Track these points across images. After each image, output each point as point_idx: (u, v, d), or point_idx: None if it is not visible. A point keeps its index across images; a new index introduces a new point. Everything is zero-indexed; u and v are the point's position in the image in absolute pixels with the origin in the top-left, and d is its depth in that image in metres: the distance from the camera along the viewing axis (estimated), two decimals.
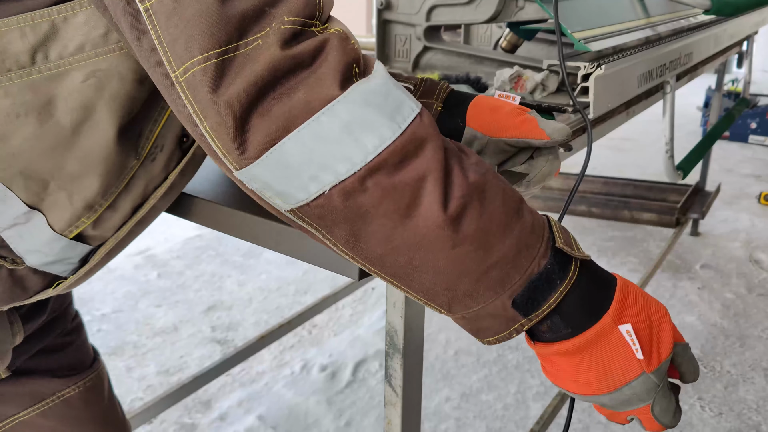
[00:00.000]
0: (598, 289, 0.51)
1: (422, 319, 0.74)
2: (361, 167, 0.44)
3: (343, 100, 0.44)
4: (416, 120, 0.46)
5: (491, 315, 0.50)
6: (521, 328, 0.50)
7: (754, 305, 2.45)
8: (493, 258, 0.47)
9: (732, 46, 1.99)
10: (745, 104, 2.88)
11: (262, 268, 2.80)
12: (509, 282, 0.48)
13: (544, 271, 0.49)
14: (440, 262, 0.47)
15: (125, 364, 2.11)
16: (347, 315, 2.43)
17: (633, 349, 0.49)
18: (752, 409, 1.89)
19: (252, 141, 0.44)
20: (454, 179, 0.46)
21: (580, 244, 0.52)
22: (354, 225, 0.46)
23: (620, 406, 0.52)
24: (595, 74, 0.95)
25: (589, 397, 0.52)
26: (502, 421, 1.85)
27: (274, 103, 0.43)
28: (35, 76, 0.53)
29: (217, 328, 2.34)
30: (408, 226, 0.45)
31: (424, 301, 0.51)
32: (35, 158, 0.56)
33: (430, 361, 2.12)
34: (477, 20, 1.15)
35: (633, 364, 0.50)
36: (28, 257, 0.61)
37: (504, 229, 0.47)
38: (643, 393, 0.50)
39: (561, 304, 0.49)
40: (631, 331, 0.49)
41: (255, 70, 0.43)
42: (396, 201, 0.45)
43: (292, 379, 2.04)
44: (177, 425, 1.83)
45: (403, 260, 0.47)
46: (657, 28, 1.37)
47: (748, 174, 4.02)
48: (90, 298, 2.52)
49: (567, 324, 0.50)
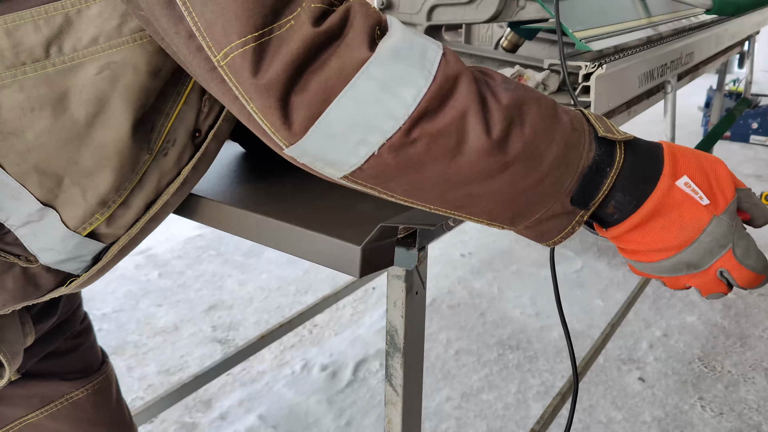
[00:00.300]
0: (647, 159, 0.53)
1: (423, 319, 0.74)
2: (405, 120, 0.45)
3: (374, 61, 0.45)
4: (443, 61, 0.47)
5: (553, 216, 0.52)
6: (582, 219, 0.53)
7: (754, 305, 2.44)
8: (545, 167, 0.49)
9: (733, 46, 1.99)
10: (747, 104, 2.88)
11: (263, 268, 2.80)
12: (563, 183, 0.50)
13: (593, 163, 0.51)
14: (497, 185, 0.49)
15: (126, 364, 2.11)
16: (348, 314, 2.43)
17: (696, 197, 0.52)
18: (753, 409, 1.89)
19: (296, 118, 0.45)
20: (491, 105, 0.47)
21: (617, 127, 0.54)
22: (409, 176, 0.48)
23: (705, 259, 0.53)
24: (597, 74, 0.95)
25: (675, 259, 0.53)
26: (503, 421, 1.85)
27: (310, 78, 0.44)
28: (49, 70, 0.53)
29: (218, 327, 2.34)
30: (460, 163, 0.47)
31: (487, 222, 0.53)
32: (50, 153, 0.56)
33: (431, 361, 2.12)
34: (478, 20, 1.15)
35: (702, 212, 0.52)
36: (41, 255, 0.61)
37: (547, 137, 0.49)
38: (720, 236, 0.52)
39: (615, 184, 0.52)
40: (689, 182, 0.52)
41: (291, 50, 0.44)
42: (444, 143, 0.46)
43: (293, 379, 2.04)
44: (178, 424, 1.83)
45: (462, 193, 0.49)
46: (658, 27, 1.36)
47: (750, 174, 4.01)
48: (91, 298, 2.52)
49: (630, 199, 0.52)
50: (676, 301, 2.46)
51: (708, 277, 0.54)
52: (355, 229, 0.61)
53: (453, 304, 2.48)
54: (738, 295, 2.50)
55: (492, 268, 2.75)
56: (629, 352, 2.16)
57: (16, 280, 0.62)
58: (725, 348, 2.18)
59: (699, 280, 0.55)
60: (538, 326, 2.32)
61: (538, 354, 2.16)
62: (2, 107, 0.53)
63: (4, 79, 0.53)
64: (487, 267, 2.77)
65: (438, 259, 2.86)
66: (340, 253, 0.61)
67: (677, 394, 1.95)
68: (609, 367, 2.09)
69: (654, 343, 2.21)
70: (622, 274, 2.67)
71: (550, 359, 2.13)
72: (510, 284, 2.62)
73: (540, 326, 2.32)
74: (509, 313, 2.41)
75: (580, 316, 2.38)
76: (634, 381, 2.02)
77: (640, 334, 2.26)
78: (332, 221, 0.64)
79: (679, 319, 2.35)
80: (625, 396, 1.95)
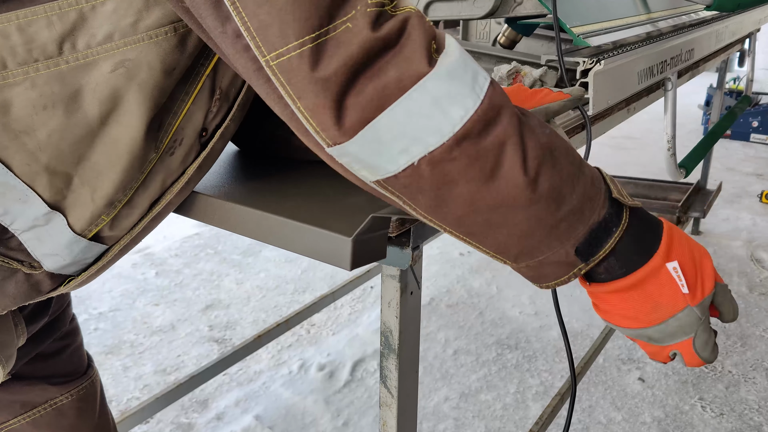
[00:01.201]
0: (647, 231, 0.55)
1: (418, 319, 0.73)
2: (450, 137, 0.46)
3: (432, 76, 0.46)
4: (490, 88, 0.49)
5: (554, 263, 0.54)
6: (579, 272, 0.55)
7: (755, 304, 2.43)
8: (563, 212, 0.51)
9: (734, 44, 1.98)
10: (747, 102, 2.87)
11: (261, 267, 2.79)
12: (574, 232, 0.52)
13: (603, 220, 0.53)
14: (518, 219, 0.50)
15: (122, 363, 2.09)
16: (345, 314, 2.42)
17: (679, 284, 0.54)
18: (754, 409, 1.87)
19: (348, 120, 0.46)
20: (528, 142, 0.49)
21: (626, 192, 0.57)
22: (439, 191, 0.49)
23: (666, 339, 0.56)
24: (595, 69, 0.94)
25: (639, 331, 0.56)
26: (501, 421, 1.84)
27: (367, 83, 0.45)
28: (62, 67, 0.53)
29: (215, 326, 2.33)
30: (491, 189, 0.49)
31: (492, 255, 0.55)
32: (61, 152, 0.55)
33: (429, 361, 2.10)
34: (475, 16, 1.14)
35: (679, 298, 0.54)
36: (45, 261, 0.61)
37: (571, 185, 0.51)
38: (687, 325, 0.55)
39: (615, 248, 0.54)
40: (677, 267, 0.54)
41: (350, 52, 0.45)
42: (480, 166, 0.48)
43: (290, 379, 2.02)
44: (174, 425, 1.82)
45: (482, 219, 0.51)
46: (657, 23, 1.35)
47: (750, 173, 4.00)
48: (87, 297, 2.51)
49: (621, 265, 0.54)
50: None
51: (661, 351, 0.58)
52: (346, 221, 0.60)
53: (451, 304, 2.47)
54: (738, 295, 2.49)
55: (491, 267, 2.74)
56: (629, 352, 2.15)
57: (20, 286, 0.61)
58: (726, 348, 2.17)
59: (651, 350, 0.58)
60: (537, 326, 2.31)
61: (537, 354, 2.15)
62: (13, 105, 0.52)
63: (15, 77, 0.52)
64: (486, 266, 2.76)
65: (436, 258, 2.85)
66: (330, 246, 0.59)
67: (677, 395, 1.94)
68: (608, 367, 2.08)
69: None
70: None
71: (549, 359, 2.12)
72: (509, 283, 2.61)
73: (539, 325, 2.31)
74: (508, 313, 2.40)
75: (579, 316, 2.37)
76: (633, 381, 2.00)
77: None
78: (323, 213, 0.63)
79: None
80: (625, 396, 1.94)
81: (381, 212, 0.60)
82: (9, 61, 0.51)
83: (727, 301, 0.58)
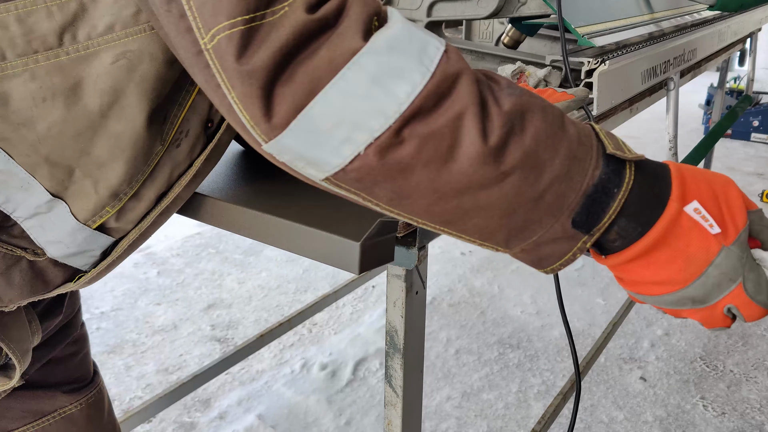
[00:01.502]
0: (656, 181, 0.48)
1: (423, 319, 0.73)
2: (396, 118, 0.42)
3: (367, 51, 0.42)
4: (444, 57, 0.44)
5: (552, 240, 0.48)
6: (585, 246, 0.48)
7: None
8: (545, 181, 0.45)
9: (735, 43, 1.98)
10: (748, 102, 2.87)
11: (263, 266, 2.79)
12: (565, 202, 0.46)
13: (599, 182, 0.46)
14: (492, 198, 0.45)
15: (124, 363, 2.10)
16: (348, 313, 2.42)
17: (706, 226, 0.47)
18: (755, 408, 1.87)
19: (278, 110, 0.42)
20: (491, 109, 0.44)
21: (628, 146, 0.49)
22: (395, 181, 0.44)
23: (712, 294, 0.48)
24: (599, 70, 0.94)
25: (679, 294, 0.49)
26: (504, 421, 1.84)
27: (297, 68, 0.42)
28: (63, 58, 0.51)
29: (217, 326, 2.33)
30: (452, 170, 0.43)
31: (479, 243, 0.49)
32: (62, 144, 0.54)
33: (431, 360, 2.11)
34: (479, 16, 1.14)
35: (711, 241, 0.47)
36: (49, 248, 0.59)
37: (550, 148, 0.45)
38: (730, 270, 0.47)
39: (623, 209, 0.47)
40: (699, 208, 0.47)
41: (280, 36, 0.41)
42: (436, 146, 0.43)
43: (292, 378, 2.03)
44: (176, 424, 1.82)
45: (452, 206, 0.45)
46: (660, 23, 1.35)
47: (751, 172, 4.00)
48: (89, 296, 2.51)
49: (636, 224, 0.48)
50: None
51: (714, 312, 0.50)
52: (354, 224, 0.60)
53: (453, 303, 2.47)
54: None
55: (492, 267, 2.74)
56: (630, 351, 2.15)
57: (24, 275, 0.60)
58: (727, 347, 2.17)
59: (703, 314, 0.50)
60: (538, 325, 2.31)
61: (539, 353, 2.15)
62: (13, 97, 0.51)
63: (15, 68, 0.51)
64: (488, 265, 2.76)
65: (438, 257, 2.85)
66: (338, 250, 0.59)
67: (679, 394, 1.94)
68: (610, 366, 2.08)
69: (655, 342, 2.20)
70: None
71: (551, 358, 2.12)
72: (510, 283, 2.61)
73: (541, 325, 2.31)
74: (510, 312, 2.40)
75: (581, 315, 2.37)
76: (635, 380, 2.01)
77: (641, 333, 2.25)
78: (331, 217, 0.63)
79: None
80: (627, 395, 1.94)
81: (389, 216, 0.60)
82: (8, 52, 0.50)
83: (765, 228, 0.50)
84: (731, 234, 0.48)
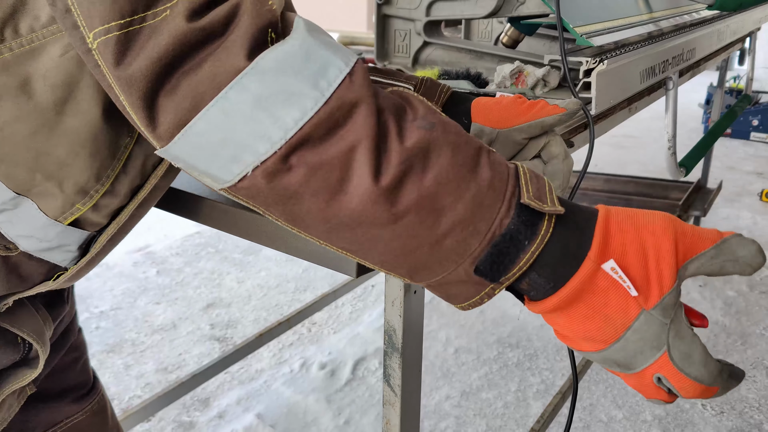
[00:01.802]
0: (576, 234, 0.44)
1: (421, 318, 0.73)
2: (282, 145, 0.39)
3: (251, 72, 0.39)
4: (345, 82, 0.40)
5: (457, 282, 0.45)
6: (492, 292, 0.45)
7: (755, 303, 2.44)
8: (445, 225, 0.42)
9: (734, 43, 1.98)
10: (748, 101, 2.87)
11: (262, 266, 2.79)
12: (468, 249, 0.43)
13: (508, 232, 0.43)
14: (385, 237, 0.42)
15: (123, 362, 2.10)
16: (347, 312, 2.42)
17: (624, 286, 0.43)
18: (754, 407, 1.88)
19: (163, 122, 0.40)
20: (390, 145, 0.40)
21: (556, 194, 0.46)
22: (285, 206, 0.42)
23: (635, 360, 0.44)
24: (598, 69, 0.94)
25: (602, 354, 0.45)
26: (503, 420, 1.84)
27: (181, 80, 0.39)
28: (6, 55, 0.48)
29: (216, 325, 2.33)
30: (342, 204, 0.40)
31: (386, 272, 0.47)
32: (17, 145, 0.51)
33: (430, 359, 2.11)
34: (477, 15, 1.14)
35: (630, 304, 0.43)
36: (21, 242, 0.56)
37: (454, 192, 0.41)
38: (650, 336, 0.43)
39: (536, 262, 0.44)
40: (616, 267, 0.43)
41: (159, 44, 0.38)
42: (324, 178, 0.40)
43: (291, 377, 2.03)
44: (175, 423, 1.82)
45: (347, 237, 0.43)
46: (659, 23, 1.35)
47: (750, 171, 4.00)
48: (89, 295, 2.51)
49: (548, 279, 0.44)
50: None
51: (644, 381, 0.46)
52: None
53: None
54: (738, 293, 2.49)
55: None
56: None
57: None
58: (726, 346, 2.17)
59: (634, 381, 0.46)
60: (538, 324, 2.32)
61: (538, 352, 2.15)
62: None
63: None
64: None
65: None
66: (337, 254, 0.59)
67: None
68: None
69: None
70: None
71: (550, 357, 2.12)
72: None
73: (540, 324, 2.31)
74: (509, 311, 2.40)
75: None
76: None
77: None
78: None
79: None
80: (626, 394, 1.94)
81: None
82: None
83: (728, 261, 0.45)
84: (653, 296, 0.43)
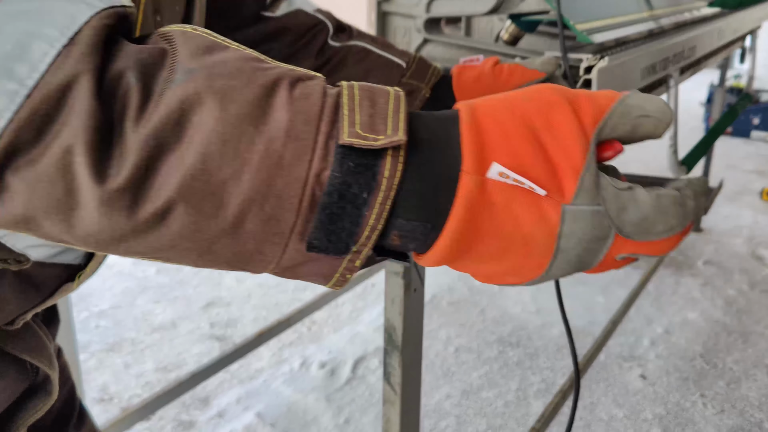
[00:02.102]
0: (444, 148, 0.33)
1: (422, 317, 0.73)
2: None
3: None
4: (60, 59, 0.29)
5: (301, 263, 0.34)
6: (353, 266, 0.34)
7: (756, 302, 2.43)
8: (234, 206, 0.31)
9: (735, 41, 1.97)
10: (749, 100, 2.86)
11: None
12: (282, 225, 0.32)
13: (333, 189, 0.31)
14: (163, 241, 0.32)
15: (123, 361, 2.09)
16: (347, 311, 2.42)
17: (526, 188, 0.33)
18: (754, 406, 1.87)
19: None
20: (125, 125, 0.30)
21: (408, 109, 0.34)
22: (22, 229, 0.32)
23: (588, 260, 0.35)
24: (598, 66, 0.93)
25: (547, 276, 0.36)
26: (503, 419, 1.84)
27: None
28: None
29: (216, 324, 2.33)
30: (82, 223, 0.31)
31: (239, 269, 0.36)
32: None
33: (431, 358, 2.10)
34: (478, 12, 1.14)
35: (544, 207, 0.33)
36: (31, 252, 0.53)
37: (232, 160, 0.30)
38: (589, 230, 0.33)
39: (394, 210, 0.33)
40: (504, 170, 0.32)
41: None
42: (48, 196, 0.30)
43: (291, 376, 2.02)
44: (175, 422, 1.82)
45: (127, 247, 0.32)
46: (660, 20, 1.35)
47: (751, 170, 4.00)
48: (88, 294, 2.51)
49: (422, 222, 0.33)
50: (678, 298, 2.45)
51: (604, 267, 0.36)
52: None
53: (453, 301, 2.47)
54: (739, 292, 2.49)
55: None
56: (630, 349, 2.15)
57: (12, 287, 0.54)
58: (727, 345, 2.17)
59: (594, 271, 0.37)
60: (538, 323, 2.31)
61: (539, 351, 2.15)
62: None
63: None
64: None
65: None
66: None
67: (678, 392, 1.94)
68: (610, 364, 2.08)
69: (655, 340, 2.20)
70: (624, 271, 2.66)
71: (550, 356, 2.12)
72: None
73: (541, 323, 2.31)
74: (510, 310, 2.40)
75: (581, 313, 2.37)
76: (635, 378, 2.00)
77: (641, 331, 2.25)
78: None
79: (680, 315, 2.33)
80: (627, 393, 1.94)
81: None
82: None
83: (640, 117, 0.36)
84: (569, 185, 0.33)
